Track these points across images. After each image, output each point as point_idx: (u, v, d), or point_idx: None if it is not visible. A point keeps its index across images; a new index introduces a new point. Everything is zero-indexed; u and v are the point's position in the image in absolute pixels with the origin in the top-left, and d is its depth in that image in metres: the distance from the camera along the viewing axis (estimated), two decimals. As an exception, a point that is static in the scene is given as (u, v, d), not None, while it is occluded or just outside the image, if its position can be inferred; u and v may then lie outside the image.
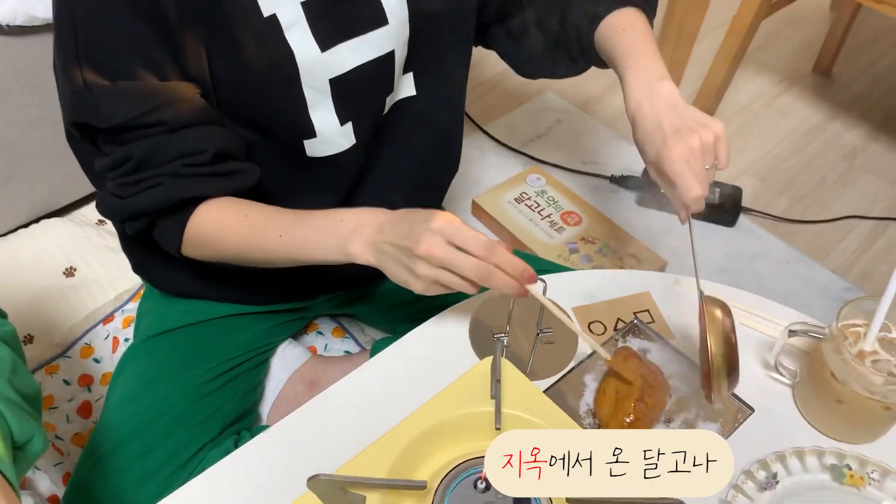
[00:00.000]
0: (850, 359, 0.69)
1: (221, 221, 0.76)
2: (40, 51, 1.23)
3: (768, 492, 0.70)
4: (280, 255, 0.74)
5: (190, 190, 0.74)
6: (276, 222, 0.74)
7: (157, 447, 0.85)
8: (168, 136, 0.72)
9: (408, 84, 0.89)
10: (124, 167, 0.74)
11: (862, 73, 2.03)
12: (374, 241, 0.69)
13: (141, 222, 0.77)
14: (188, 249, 0.78)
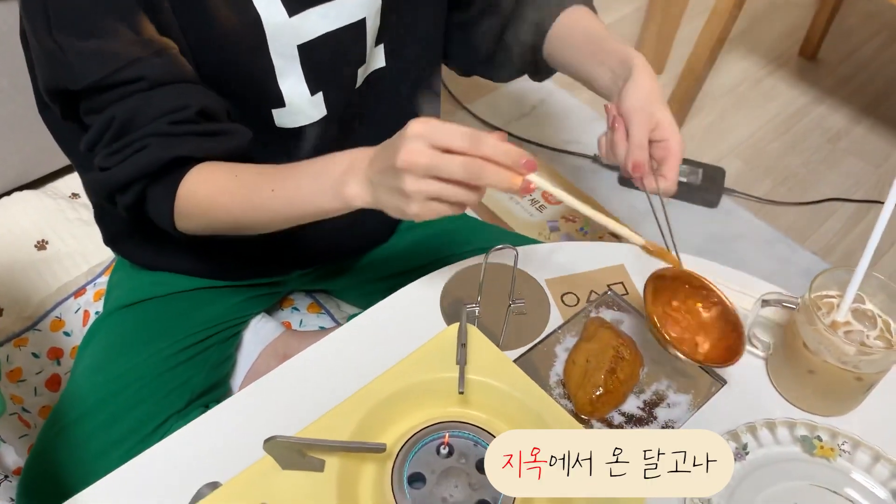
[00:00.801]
0: (822, 329, 0.69)
1: (212, 184, 0.71)
2: (10, 18, 1.20)
3: (738, 463, 0.69)
4: (274, 212, 0.69)
5: (178, 149, 0.70)
6: (268, 177, 0.69)
7: (122, 417, 0.83)
8: (148, 94, 0.69)
9: (379, 56, 0.87)
10: (107, 135, 0.70)
11: (848, 58, 2.02)
12: (367, 176, 0.63)
13: (131, 193, 0.72)
14: (182, 222, 0.74)
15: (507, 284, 0.80)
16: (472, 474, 0.58)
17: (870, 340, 0.70)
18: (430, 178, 0.59)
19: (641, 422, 0.73)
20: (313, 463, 0.57)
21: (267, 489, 0.56)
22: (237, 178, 0.71)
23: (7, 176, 1.37)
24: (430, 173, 0.59)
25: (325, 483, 0.56)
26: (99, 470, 0.68)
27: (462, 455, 0.60)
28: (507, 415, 0.63)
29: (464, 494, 0.57)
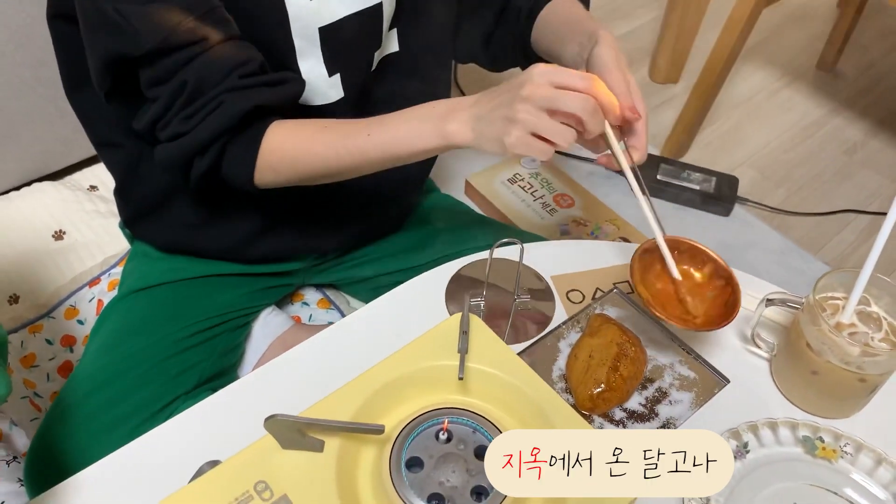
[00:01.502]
0: (827, 330, 0.69)
1: (300, 136, 0.75)
2: (34, 9, 1.23)
3: (738, 461, 0.69)
4: (369, 155, 0.73)
5: (254, 99, 0.72)
6: (361, 125, 0.73)
7: (128, 396, 0.85)
8: (211, 53, 0.71)
9: (392, 40, 0.89)
10: (179, 100, 0.72)
11: (866, 71, 2.01)
12: (473, 112, 0.67)
13: (211, 153, 0.74)
14: (263, 175, 0.76)
15: (512, 279, 0.80)
16: (470, 460, 0.59)
17: (874, 342, 0.70)
18: (543, 111, 0.64)
19: (643, 418, 0.73)
20: (313, 443, 0.58)
21: (266, 468, 0.57)
22: (326, 128, 0.75)
23: (27, 167, 1.39)
24: (548, 105, 0.64)
25: (323, 464, 0.57)
26: (101, 447, 0.69)
27: (461, 441, 0.60)
28: (507, 404, 0.64)
29: (461, 480, 0.58)
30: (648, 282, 0.75)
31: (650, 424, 0.72)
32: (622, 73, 0.73)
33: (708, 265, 0.76)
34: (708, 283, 0.75)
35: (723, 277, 0.75)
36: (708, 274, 0.76)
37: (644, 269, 0.75)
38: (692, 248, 0.76)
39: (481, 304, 0.79)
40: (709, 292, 0.75)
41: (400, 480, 0.57)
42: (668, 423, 0.73)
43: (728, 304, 0.73)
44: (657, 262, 0.75)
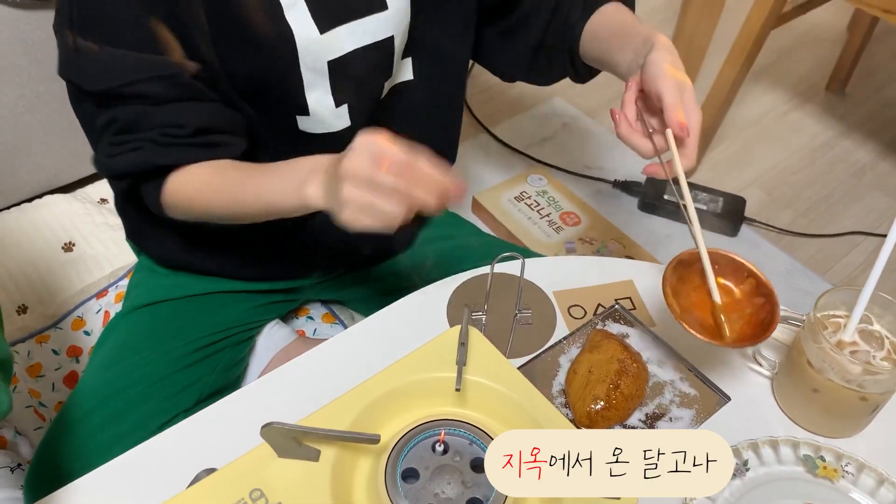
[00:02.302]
0: (828, 348, 0.68)
1: (197, 179, 0.76)
2: (49, 25, 1.25)
3: (738, 479, 0.69)
4: (246, 206, 0.73)
5: (168, 158, 0.75)
6: (245, 174, 0.74)
7: (129, 413, 0.85)
8: (150, 108, 0.74)
9: (406, 68, 0.89)
10: (110, 129, 0.76)
11: (875, 94, 2.01)
12: (325, 180, 0.66)
13: (124, 183, 0.79)
14: (170, 211, 0.80)
15: (514, 294, 0.81)
16: (466, 472, 0.59)
17: (876, 361, 0.69)
18: (365, 188, 0.61)
19: (642, 434, 0.73)
20: (309, 452, 0.58)
21: (261, 476, 0.57)
22: (218, 173, 0.76)
23: (40, 180, 1.41)
24: (367, 185, 0.61)
25: (319, 473, 0.57)
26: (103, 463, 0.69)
27: (457, 453, 0.60)
28: (505, 417, 0.64)
29: (456, 492, 0.58)
30: (683, 293, 0.72)
31: (652, 429, 0.72)
32: (675, 81, 0.72)
33: (748, 281, 0.73)
34: (747, 300, 0.73)
35: (763, 295, 0.72)
36: (748, 291, 0.73)
37: (679, 280, 0.72)
38: (733, 263, 0.73)
39: (482, 319, 0.79)
40: (747, 308, 0.72)
41: (395, 491, 0.57)
42: (667, 440, 0.72)
43: (764, 323, 0.70)
44: (695, 274, 0.73)
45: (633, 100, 0.76)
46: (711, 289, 0.72)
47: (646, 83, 0.75)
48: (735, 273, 0.73)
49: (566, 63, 0.94)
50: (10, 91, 1.28)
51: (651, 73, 0.73)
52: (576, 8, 0.90)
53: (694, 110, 0.73)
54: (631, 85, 0.76)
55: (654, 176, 0.75)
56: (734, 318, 0.72)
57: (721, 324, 0.71)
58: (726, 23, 1.89)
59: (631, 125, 0.75)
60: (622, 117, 0.75)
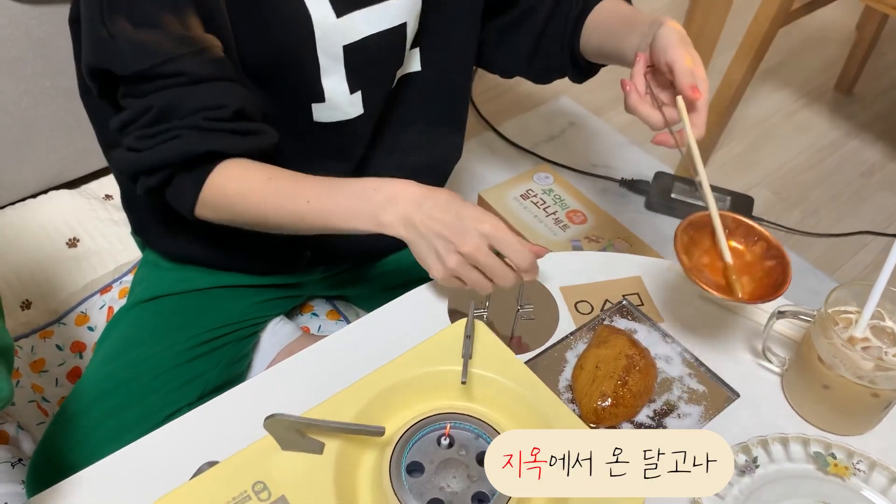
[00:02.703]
0: (839, 344, 0.67)
1: (244, 182, 0.74)
2: (56, 20, 1.25)
3: (747, 476, 0.68)
4: (305, 220, 0.73)
5: (209, 144, 0.72)
6: (304, 187, 0.72)
7: (132, 406, 0.84)
8: (188, 89, 0.71)
9: (414, 59, 0.90)
10: (143, 119, 0.72)
11: (884, 94, 2.00)
12: (410, 216, 0.69)
13: (156, 177, 0.74)
14: (203, 210, 0.76)
15: (514, 288, 0.80)
16: (472, 466, 0.58)
17: (888, 357, 0.68)
18: (472, 267, 0.69)
19: (650, 430, 0.72)
20: (313, 445, 0.57)
21: (265, 469, 0.56)
22: (271, 180, 0.74)
23: (45, 175, 1.41)
24: (477, 266, 0.69)
25: (322, 466, 0.56)
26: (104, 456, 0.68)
27: (462, 447, 0.59)
28: (511, 411, 0.63)
29: (461, 486, 0.57)
30: (694, 256, 0.72)
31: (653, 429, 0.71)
32: (686, 51, 0.73)
33: (759, 244, 0.73)
34: (758, 262, 0.72)
35: (774, 257, 0.71)
36: (758, 253, 0.72)
37: (690, 242, 0.72)
38: (744, 226, 0.73)
39: (484, 316, 0.78)
40: (758, 272, 0.72)
41: (400, 485, 0.56)
42: (675, 437, 0.71)
43: (776, 284, 0.70)
44: (706, 237, 0.73)
45: (641, 72, 0.76)
46: (722, 248, 0.71)
47: (655, 55, 0.75)
48: (746, 236, 0.73)
49: (566, 59, 0.94)
50: (14, 86, 1.28)
51: (660, 45, 0.73)
52: (577, 2, 0.90)
53: (704, 79, 0.73)
54: (639, 58, 0.76)
55: (664, 145, 0.75)
56: (746, 281, 0.71)
57: (733, 282, 0.70)
58: (734, 21, 1.88)
59: (640, 95, 0.75)
60: (632, 87, 0.75)
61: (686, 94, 0.72)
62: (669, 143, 0.75)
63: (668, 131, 0.75)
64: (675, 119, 0.74)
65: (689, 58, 0.72)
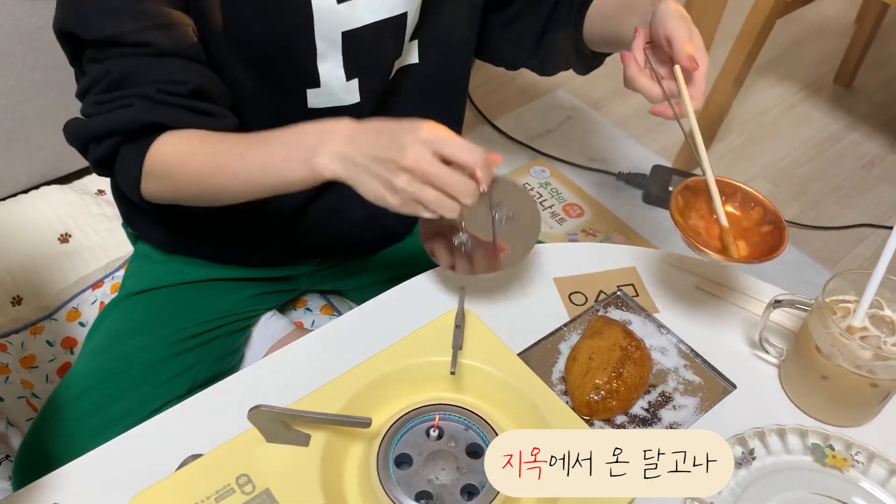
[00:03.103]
0: (837, 333, 0.66)
1: (182, 145, 0.71)
2: (46, 12, 1.24)
3: (744, 469, 0.67)
4: (242, 178, 0.69)
5: (159, 115, 0.70)
6: (238, 143, 0.70)
7: (120, 398, 0.83)
8: (150, 60, 0.71)
9: (413, 51, 0.89)
10: (100, 84, 0.71)
11: (884, 86, 1.99)
12: (345, 152, 0.64)
13: (104, 146, 0.73)
14: (149, 184, 0.74)
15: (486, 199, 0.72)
16: (461, 458, 0.57)
17: (887, 347, 0.67)
18: (424, 183, 0.62)
19: (645, 422, 0.70)
20: (298, 437, 0.56)
21: (249, 461, 0.55)
22: (206, 141, 0.72)
23: (36, 170, 1.40)
24: (428, 180, 0.62)
25: (308, 458, 0.55)
26: (91, 448, 0.67)
27: (452, 438, 0.58)
28: (502, 402, 0.62)
29: (450, 478, 0.56)
30: (690, 219, 0.72)
31: (652, 429, 0.70)
32: (685, 23, 0.72)
33: (756, 209, 0.72)
34: (755, 228, 0.72)
35: (770, 222, 0.71)
36: (755, 219, 0.72)
37: (687, 206, 0.71)
38: (740, 191, 0.73)
39: (465, 240, 0.74)
40: (755, 237, 0.71)
41: (387, 477, 0.55)
42: (671, 429, 0.70)
43: (772, 247, 0.69)
44: (702, 202, 0.72)
45: (640, 46, 0.75)
46: (718, 211, 0.71)
47: (654, 29, 0.74)
48: (742, 202, 0.73)
49: (570, 50, 0.92)
50: (5, 80, 1.26)
51: (660, 18, 0.73)
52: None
53: (703, 51, 0.72)
54: (639, 33, 0.76)
55: (662, 115, 0.74)
56: (742, 246, 0.70)
57: (728, 244, 0.69)
58: (733, 14, 1.86)
59: (640, 67, 0.74)
60: (631, 58, 0.74)
61: (684, 63, 0.71)
62: (668, 115, 0.74)
63: (668, 103, 0.74)
64: (674, 92, 0.74)
65: (686, 30, 0.71)
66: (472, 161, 0.62)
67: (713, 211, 0.71)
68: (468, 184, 0.62)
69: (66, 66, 0.84)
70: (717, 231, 0.71)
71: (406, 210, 0.64)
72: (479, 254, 0.73)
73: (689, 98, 0.72)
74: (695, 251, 0.68)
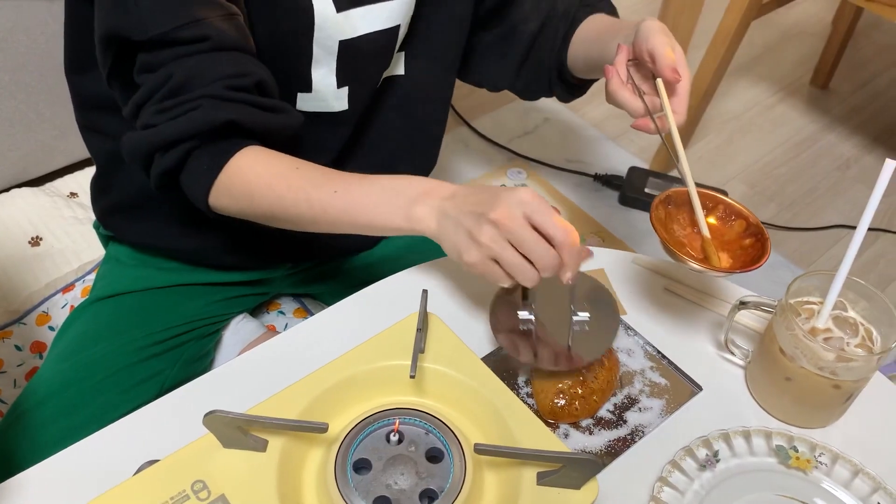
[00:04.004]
0: (801, 335, 0.66)
1: (268, 167, 0.69)
2: (14, 14, 1.22)
3: (708, 471, 0.67)
4: (330, 212, 0.68)
5: (232, 113, 0.68)
6: (332, 178, 0.69)
7: (84, 404, 0.82)
8: (210, 56, 0.68)
9: (399, 62, 0.89)
10: (161, 91, 0.69)
11: (860, 88, 2.00)
12: (443, 207, 0.63)
13: (174, 153, 0.69)
14: (219, 197, 0.71)
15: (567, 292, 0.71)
16: (421, 463, 0.56)
17: (850, 348, 0.67)
18: (507, 242, 0.60)
19: (610, 425, 0.70)
20: (255, 443, 0.55)
21: (205, 467, 0.54)
22: (298, 169, 0.70)
23: (6, 173, 1.38)
24: (512, 239, 0.60)
25: (265, 464, 0.55)
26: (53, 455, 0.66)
27: (412, 443, 0.57)
28: (464, 406, 0.61)
29: (409, 483, 0.55)
30: (671, 231, 0.71)
31: (618, 432, 0.70)
32: (668, 38, 0.72)
33: (738, 222, 0.71)
34: (737, 241, 0.71)
35: (752, 235, 0.70)
36: (738, 231, 0.71)
37: (668, 217, 0.70)
38: (723, 204, 0.72)
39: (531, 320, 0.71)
40: (737, 249, 0.70)
41: (345, 483, 0.54)
42: (637, 431, 0.70)
43: (755, 259, 0.69)
44: (683, 213, 0.71)
45: (623, 62, 0.76)
46: (699, 222, 0.70)
47: (637, 45, 0.74)
48: (724, 214, 0.72)
49: (553, 76, 0.94)
50: (-27, 81, 1.25)
51: (643, 35, 0.73)
52: (565, 18, 0.91)
53: (685, 65, 0.72)
54: (622, 49, 0.76)
55: (643, 130, 0.74)
56: (723, 258, 0.70)
57: (711, 255, 0.69)
58: (708, 17, 1.87)
59: (622, 81, 0.74)
60: (613, 72, 0.74)
61: (666, 75, 0.71)
62: (650, 129, 0.74)
63: (650, 117, 0.73)
64: (656, 107, 0.74)
65: (668, 46, 0.72)
66: (561, 238, 0.61)
67: (695, 222, 0.71)
68: (552, 254, 0.61)
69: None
70: (698, 242, 0.71)
71: (482, 270, 0.62)
72: (546, 350, 0.70)
73: (671, 112, 0.72)
74: (676, 261, 0.67)
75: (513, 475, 0.56)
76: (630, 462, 0.67)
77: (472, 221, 0.61)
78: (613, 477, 0.66)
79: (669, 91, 0.73)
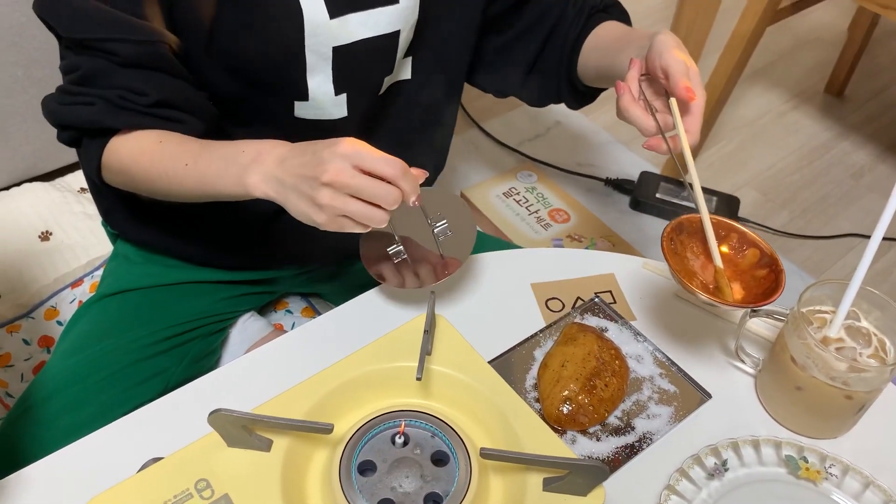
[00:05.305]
0: (813, 344, 0.65)
1: (137, 143, 0.73)
2: (28, 9, 1.22)
3: (716, 480, 0.66)
4: (186, 185, 0.71)
5: (118, 121, 0.72)
6: (187, 150, 0.71)
7: (89, 401, 0.82)
8: (116, 67, 0.71)
9: (406, 67, 0.88)
10: (71, 75, 0.74)
11: (875, 96, 1.98)
12: (275, 173, 0.65)
13: (67, 134, 0.76)
14: (108, 175, 0.77)
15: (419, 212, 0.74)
16: (426, 466, 0.56)
17: (862, 359, 0.66)
18: (347, 196, 0.62)
19: (618, 431, 0.70)
20: (260, 442, 0.55)
21: (209, 466, 0.54)
22: (161, 143, 0.73)
23: (18, 168, 1.38)
24: (351, 192, 0.62)
25: (269, 464, 0.54)
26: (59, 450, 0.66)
27: (417, 445, 0.57)
28: (470, 409, 0.61)
29: (414, 486, 0.55)
30: (683, 259, 0.69)
31: (626, 438, 0.69)
32: (682, 54, 0.71)
33: (752, 251, 0.70)
34: (749, 271, 0.69)
35: (766, 265, 0.69)
36: (752, 261, 0.70)
37: (680, 245, 0.69)
38: (738, 232, 0.70)
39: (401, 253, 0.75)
40: (749, 280, 0.69)
41: (349, 485, 0.54)
42: (644, 438, 0.69)
43: (768, 292, 0.67)
44: (696, 241, 0.70)
45: (635, 77, 0.74)
46: (712, 251, 0.68)
47: (651, 62, 0.73)
48: (738, 243, 0.70)
49: (562, 81, 0.93)
50: (-13, 76, 1.26)
51: (656, 51, 0.72)
52: (576, 24, 0.89)
53: (700, 84, 0.71)
54: (634, 63, 0.74)
55: (656, 150, 0.72)
56: (736, 289, 0.68)
57: (723, 286, 0.67)
58: (723, 22, 1.86)
59: (634, 97, 0.73)
60: (626, 88, 0.73)
61: (680, 94, 0.70)
62: (662, 149, 0.72)
63: (662, 136, 0.72)
64: (669, 125, 0.72)
65: (683, 64, 0.70)
66: (392, 172, 0.62)
67: (707, 251, 0.69)
68: (391, 190, 0.63)
69: (48, 62, 0.84)
70: (711, 270, 0.69)
71: (335, 227, 0.64)
72: (425, 267, 0.74)
73: (684, 133, 0.70)
74: (688, 291, 0.66)
75: (519, 480, 0.55)
76: (637, 469, 0.67)
77: (308, 188, 0.63)
78: (620, 484, 0.65)
79: (683, 110, 0.71)
